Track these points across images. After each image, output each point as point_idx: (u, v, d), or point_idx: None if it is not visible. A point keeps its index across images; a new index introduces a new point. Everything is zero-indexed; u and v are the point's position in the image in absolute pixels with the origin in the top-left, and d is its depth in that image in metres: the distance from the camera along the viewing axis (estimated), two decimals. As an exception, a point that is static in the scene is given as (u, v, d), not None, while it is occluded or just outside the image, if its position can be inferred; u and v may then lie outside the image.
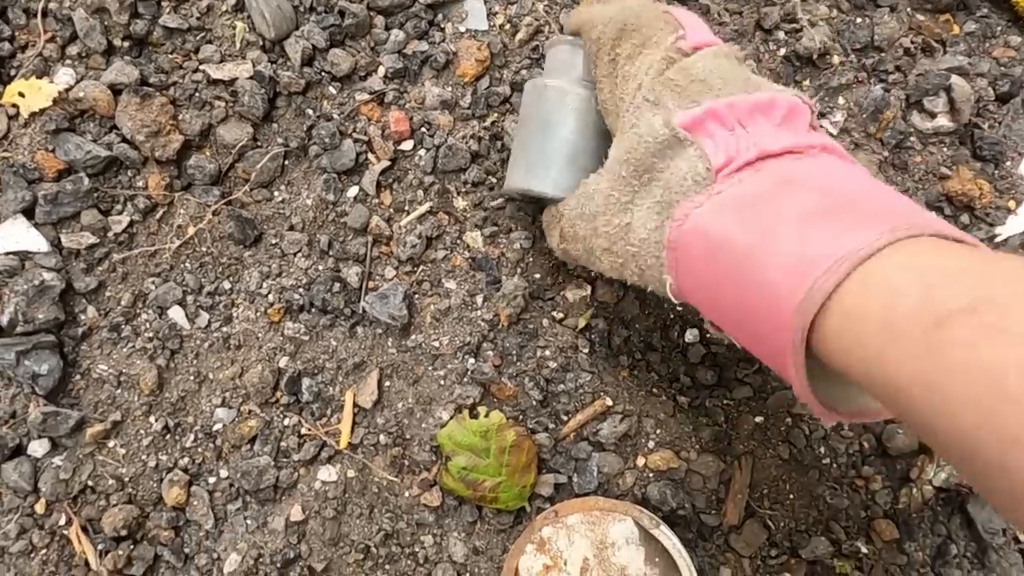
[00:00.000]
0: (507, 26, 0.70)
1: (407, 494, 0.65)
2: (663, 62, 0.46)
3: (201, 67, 0.64)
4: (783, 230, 0.37)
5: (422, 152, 0.67)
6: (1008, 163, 0.71)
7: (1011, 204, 0.70)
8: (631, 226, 0.47)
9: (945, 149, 0.71)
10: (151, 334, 0.62)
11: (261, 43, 0.66)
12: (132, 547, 0.60)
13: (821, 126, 0.70)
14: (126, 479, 0.61)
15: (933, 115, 0.71)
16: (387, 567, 0.65)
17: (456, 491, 0.63)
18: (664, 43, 0.47)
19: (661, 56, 0.47)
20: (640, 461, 0.65)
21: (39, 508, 0.62)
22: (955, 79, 0.70)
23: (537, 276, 0.66)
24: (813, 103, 0.48)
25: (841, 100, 0.70)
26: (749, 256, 0.38)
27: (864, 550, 0.66)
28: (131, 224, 0.63)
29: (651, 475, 0.65)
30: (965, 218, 0.70)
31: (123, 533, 0.59)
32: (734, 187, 0.41)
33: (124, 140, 0.62)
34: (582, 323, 0.66)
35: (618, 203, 0.48)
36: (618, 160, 0.48)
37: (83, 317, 0.62)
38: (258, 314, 0.64)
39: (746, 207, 0.40)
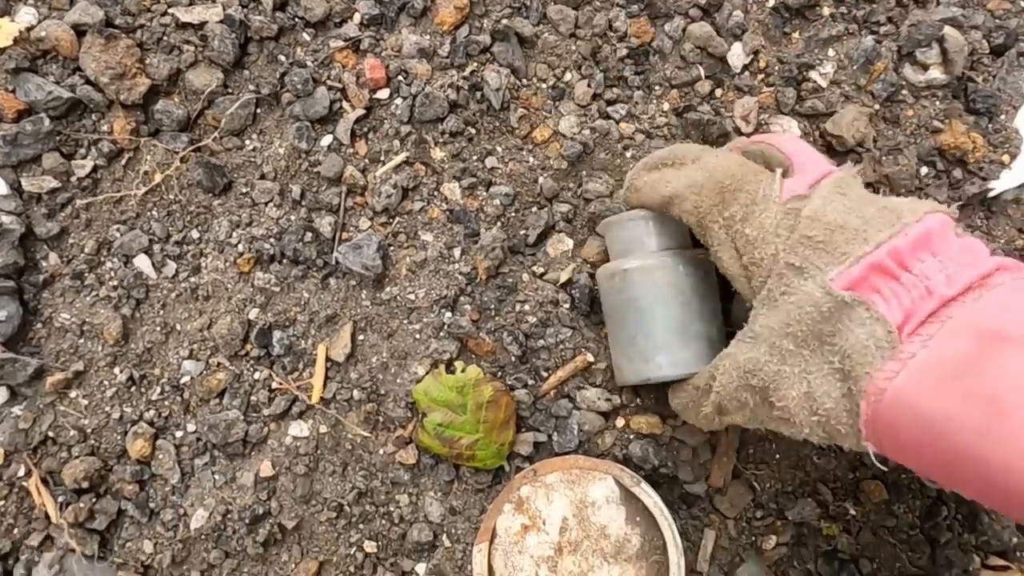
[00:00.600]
0: (487, -27, 0.68)
1: (382, 451, 0.63)
2: (788, 217, 0.43)
3: (170, 10, 0.62)
4: (1014, 405, 0.34)
5: (398, 101, 0.65)
6: (1002, 116, 0.69)
7: (1005, 158, 0.68)
8: (811, 395, 0.43)
9: (938, 102, 0.69)
10: (116, 283, 0.61)
11: (233, -13, 0.64)
12: (94, 500, 0.58)
13: (810, 78, 0.68)
14: (88, 431, 0.59)
15: (926, 67, 0.69)
16: (361, 526, 0.63)
17: (432, 448, 0.61)
18: (773, 194, 0.44)
19: (780, 210, 0.43)
20: (620, 422, 0.63)
21: (-3, 459, 0.60)
22: (948, 30, 0.68)
23: (520, 231, 0.65)
24: (953, 210, 0.44)
25: (831, 52, 0.69)
26: (982, 439, 0.35)
27: (852, 512, 0.64)
28: (95, 169, 0.61)
29: (632, 436, 0.63)
30: (958, 172, 0.68)
31: (85, 486, 0.57)
32: (926, 348, 0.37)
33: (88, 82, 0.60)
34: (564, 277, 0.64)
35: (791, 375, 0.44)
36: (777, 333, 0.44)
37: (45, 264, 0.60)
38: (227, 264, 0.62)
39: (957, 377, 0.36)
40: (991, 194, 0.67)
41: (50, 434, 0.59)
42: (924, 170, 0.68)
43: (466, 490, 0.64)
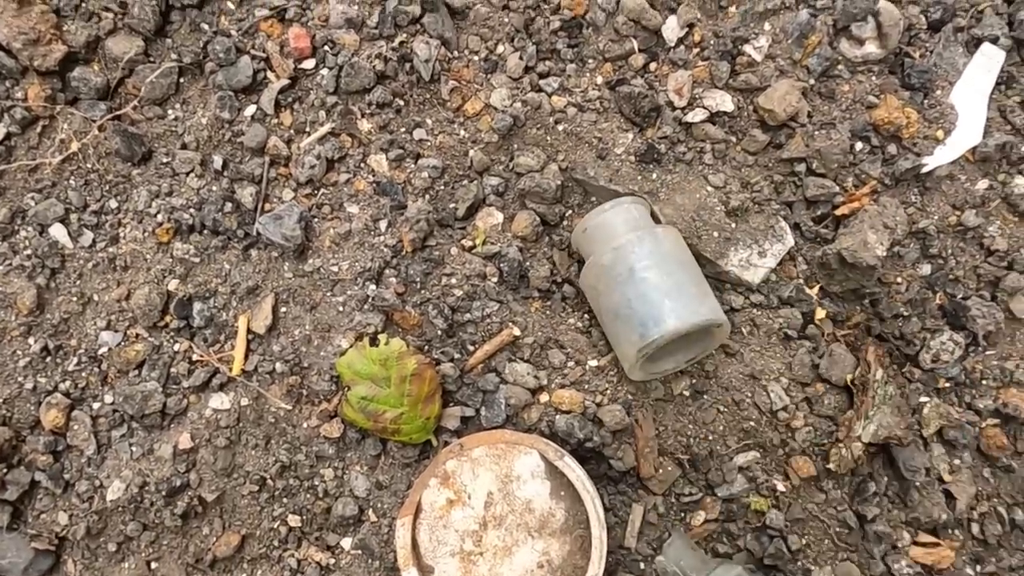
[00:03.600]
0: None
1: (305, 425, 0.62)
2: None
3: (89, -24, 0.61)
4: None
5: (324, 72, 0.64)
6: (938, 92, 0.69)
7: (939, 134, 0.68)
8: None
9: (873, 78, 0.68)
10: (30, 252, 0.60)
11: (157, -45, 0.63)
12: (6, 471, 0.58)
13: (745, 52, 0.67)
14: (0, 400, 0.59)
15: (861, 42, 0.68)
16: (284, 500, 0.62)
17: (356, 422, 0.61)
18: None
19: None
20: (544, 397, 0.63)
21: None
22: (883, 4, 0.68)
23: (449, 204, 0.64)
24: None
25: (767, 25, 0.68)
26: None
27: (781, 487, 0.64)
28: (8, 136, 0.60)
29: (556, 411, 0.62)
30: (892, 148, 0.67)
31: (-5, 456, 0.56)
32: None
33: (0, 48, 0.59)
34: (493, 250, 0.64)
35: None
36: None
37: (-44, 232, 0.60)
38: (146, 234, 0.61)
39: None
40: (925, 170, 0.67)
41: (-40, 404, 0.58)
42: (859, 145, 0.67)
43: (393, 464, 0.63)
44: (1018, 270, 0.66)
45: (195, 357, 0.61)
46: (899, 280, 0.67)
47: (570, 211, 0.67)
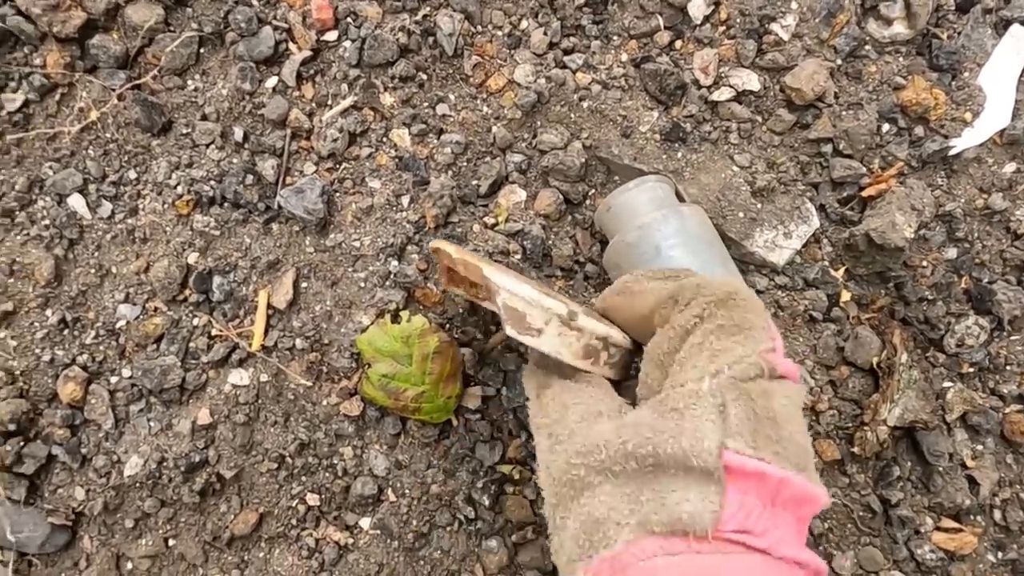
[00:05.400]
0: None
1: (325, 402, 0.61)
2: (751, 368, 0.39)
3: (109, -57, 0.60)
4: None
5: (347, 44, 0.63)
6: (966, 74, 0.68)
7: (967, 116, 0.67)
8: (565, 528, 0.39)
9: (901, 58, 0.68)
10: (48, 222, 0.59)
11: (177, -78, 0.62)
12: (22, 444, 0.57)
13: (771, 31, 0.66)
14: (17, 372, 0.57)
15: (889, 22, 0.68)
16: (303, 478, 0.61)
17: (376, 400, 0.60)
18: (759, 345, 0.39)
19: (751, 361, 0.39)
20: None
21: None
22: (913, -17, 0.67)
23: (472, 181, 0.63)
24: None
25: (794, 4, 0.67)
26: None
27: (803, 471, 0.63)
28: (27, 103, 0.59)
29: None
30: (919, 130, 0.66)
31: (12, 428, 0.55)
32: (712, 558, 0.35)
33: (19, 13, 0.58)
34: (516, 227, 0.63)
35: (580, 486, 0.39)
36: (631, 438, 0.37)
37: (-28, 201, 0.58)
38: (165, 206, 0.60)
39: None
40: (952, 152, 0.66)
41: (-25, 374, 0.57)
42: (885, 127, 0.66)
43: (412, 444, 0.62)
44: (1046, 254, 0.65)
45: (214, 332, 0.60)
46: (924, 263, 0.66)
47: (593, 190, 0.66)
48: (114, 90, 0.59)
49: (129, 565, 0.59)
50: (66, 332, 0.59)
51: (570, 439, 0.40)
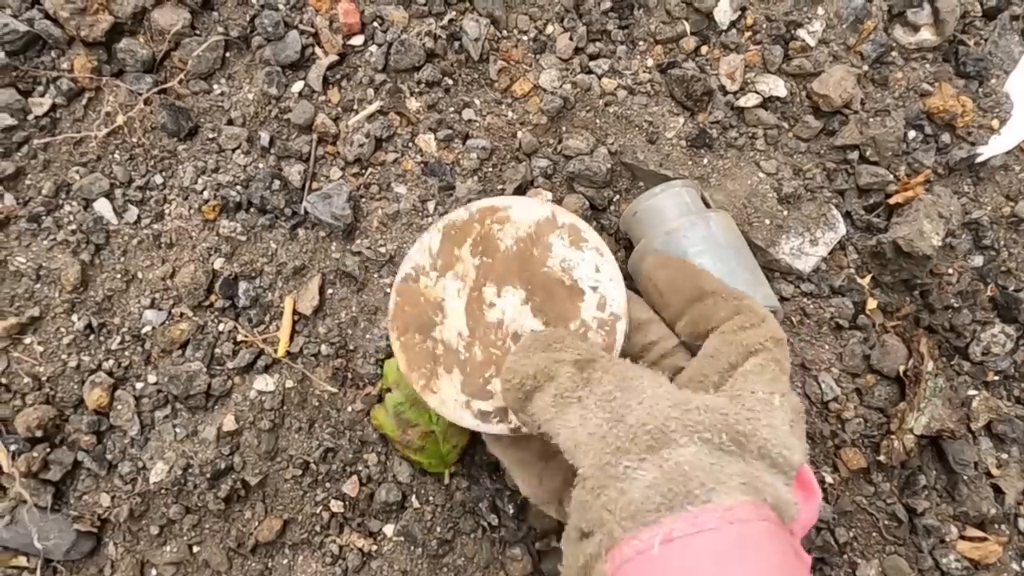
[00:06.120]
0: (468, -81, 0.66)
1: (350, 409, 0.61)
2: (796, 402, 0.42)
3: (135, -54, 0.60)
4: None
5: (373, 48, 0.62)
6: (993, 81, 0.68)
7: (995, 123, 0.67)
8: (635, 478, 0.37)
9: (927, 65, 0.67)
10: (75, 227, 0.58)
11: (203, -75, 0.62)
12: (49, 451, 0.56)
13: (798, 37, 0.66)
14: (43, 378, 0.57)
15: (916, 28, 0.67)
16: (327, 485, 0.61)
17: (384, 427, 0.58)
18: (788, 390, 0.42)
19: (794, 397, 0.42)
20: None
21: (-51, 408, 0.58)
22: (940, -10, 0.67)
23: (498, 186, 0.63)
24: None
25: (820, 10, 0.67)
26: None
27: (829, 480, 0.63)
28: (54, 108, 0.58)
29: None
30: (946, 137, 0.66)
31: (39, 435, 0.55)
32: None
33: (47, 17, 0.58)
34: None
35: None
36: (730, 411, 0.38)
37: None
38: (192, 211, 0.59)
39: None
40: (979, 159, 0.66)
41: (2, 380, 0.57)
42: (912, 134, 0.66)
43: (436, 450, 0.62)
44: (1074, 262, 0.65)
45: (240, 338, 0.59)
46: (950, 271, 0.66)
47: (618, 196, 0.66)
48: (141, 94, 0.59)
49: (154, 572, 0.59)
50: (92, 338, 0.58)
51: (654, 397, 0.38)
